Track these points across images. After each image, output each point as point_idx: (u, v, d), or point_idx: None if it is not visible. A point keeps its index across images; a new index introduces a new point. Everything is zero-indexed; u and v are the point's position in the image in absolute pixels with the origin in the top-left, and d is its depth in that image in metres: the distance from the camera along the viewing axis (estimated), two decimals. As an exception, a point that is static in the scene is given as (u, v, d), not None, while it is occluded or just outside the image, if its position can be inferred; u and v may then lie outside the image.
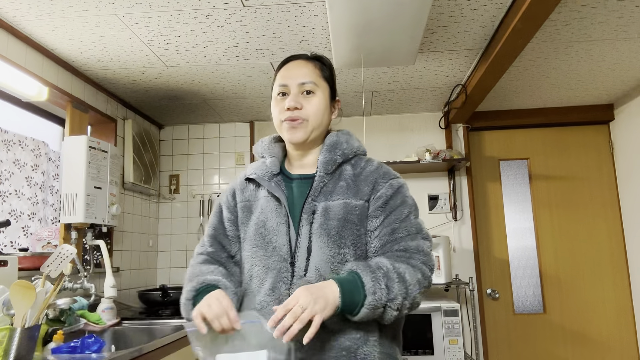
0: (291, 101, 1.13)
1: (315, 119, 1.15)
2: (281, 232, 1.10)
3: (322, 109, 1.16)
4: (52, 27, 1.93)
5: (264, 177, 1.17)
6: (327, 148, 1.17)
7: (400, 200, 1.13)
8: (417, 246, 1.08)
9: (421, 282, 1.03)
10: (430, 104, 3.07)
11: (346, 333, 1.03)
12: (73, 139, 2.22)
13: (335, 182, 1.13)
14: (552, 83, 2.73)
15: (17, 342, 1.32)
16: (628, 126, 3.01)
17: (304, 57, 1.21)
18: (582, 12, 1.90)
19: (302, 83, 1.15)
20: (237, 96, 2.82)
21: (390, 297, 0.98)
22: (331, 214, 1.08)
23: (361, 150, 1.22)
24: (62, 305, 1.69)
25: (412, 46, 2.02)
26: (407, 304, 1.01)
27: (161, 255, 3.21)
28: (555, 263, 3.10)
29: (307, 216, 1.09)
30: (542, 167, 3.21)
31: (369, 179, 1.14)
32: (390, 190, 1.13)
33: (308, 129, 1.14)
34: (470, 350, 2.90)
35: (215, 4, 1.80)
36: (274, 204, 1.14)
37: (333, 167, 1.14)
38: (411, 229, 1.10)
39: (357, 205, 1.10)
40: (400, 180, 1.17)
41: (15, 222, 2.10)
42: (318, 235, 1.07)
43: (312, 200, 1.11)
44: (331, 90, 1.21)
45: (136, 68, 2.37)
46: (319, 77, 1.17)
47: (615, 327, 3.01)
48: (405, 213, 1.11)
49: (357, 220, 1.09)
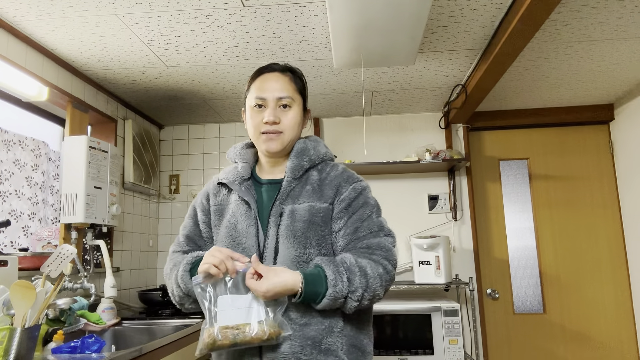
0: (270, 116, 1.20)
1: (291, 132, 1.23)
2: (250, 234, 1.17)
3: (297, 122, 1.24)
4: (52, 27, 1.93)
5: (235, 181, 1.25)
6: (295, 154, 1.24)
7: (363, 202, 1.20)
8: (378, 243, 1.15)
9: (382, 275, 1.11)
10: (430, 104, 3.07)
11: (311, 324, 1.11)
12: (73, 139, 2.23)
13: (302, 186, 1.21)
14: (552, 83, 2.73)
15: (17, 342, 1.32)
16: (628, 126, 3.01)
17: (278, 69, 1.26)
18: (582, 12, 1.90)
19: (280, 97, 1.21)
20: (237, 96, 2.82)
21: (351, 289, 1.06)
22: (297, 216, 1.15)
23: (328, 156, 1.29)
24: (62, 305, 1.69)
25: (412, 46, 2.02)
26: (368, 295, 1.08)
27: (161, 255, 3.21)
28: (555, 263, 3.10)
29: (275, 219, 1.16)
30: (542, 167, 3.21)
31: (333, 183, 1.22)
32: (353, 193, 1.20)
33: (284, 140, 1.22)
34: (470, 350, 2.90)
35: (215, 4, 1.80)
36: (244, 207, 1.21)
37: (300, 172, 1.22)
38: (373, 227, 1.17)
39: (321, 208, 1.17)
40: (363, 183, 1.24)
41: (15, 222, 2.10)
42: (285, 236, 1.14)
43: (279, 203, 1.18)
44: (304, 102, 1.28)
45: (136, 68, 2.37)
46: (294, 91, 1.25)
47: (615, 327, 3.01)
48: (367, 213, 1.19)
49: (322, 222, 1.16)
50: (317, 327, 1.12)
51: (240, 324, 1.05)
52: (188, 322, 2.19)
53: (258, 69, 1.28)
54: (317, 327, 1.12)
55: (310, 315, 1.12)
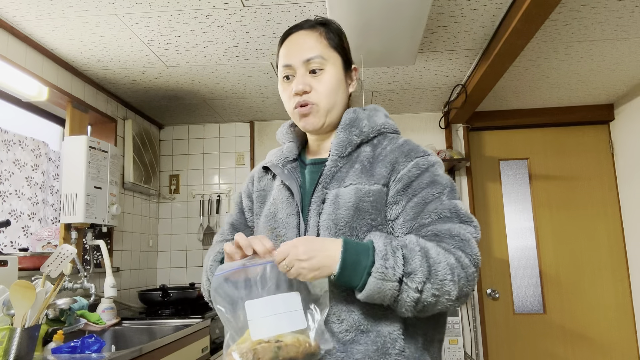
0: (298, 84, 0.98)
1: (328, 101, 0.99)
2: (291, 224, 0.97)
3: (334, 88, 0.99)
4: (52, 27, 1.93)
5: (278, 164, 1.05)
6: (343, 127, 1.00)
7: (429, 181, 0.92)
8: (449, 230, 0.86)
9: (454, 267, 0.81)
10: (430, 104, 3.07)
11: (359, 342, 0.87)
12: (73, 139, 2.22)
13: (350, 165, 0.97)
14: (552, 83, 2.73)
15: (17, 342, 1.32)
16: (628, 126, 3.01)
17: (307, 26, 1.03)
18: (582, 12, 1.90)
19: (308, 60, 0.98)
20: (237, 96, 2.82)
21: (407, 269, 0.79)
22: (341, 202, 0.93)
23: (387, 127, 1.03)
24: (62, 305, 1.69)
25: (412, 46, 2.02)
26: (432, 288, 0.79)
27: (161, 255, 3.21)
28: (555, 263, 3.10)
29: (316, 206, 0.95)
30: (542, 167, 3.21)
31: (388, 158, 0.96)
32: (415, 170, 0.93)
33: (321, 113, 0.99)
34: (470, 350, 2.90)
35: (215, 4, 1.80)
36: (285, 193, 1.00)
37: (348, 148, 0.98)
38: (443, 211, 0.89)
39: (370, 191, 0.93)
40: (431, 158, 0.96)
41: (15, 222, 2.10)
42: (325, 227, 0.92)
43: (323, 187, 0.96)
44: (343, 59, 1.03)
45: (136, 68, 2.37)
46: (327, 48, 1.00)
47: (615, 327, 3.01)
48: (434, 194, 0.90)
49: (372, 209, 0.92)
50: (366, 346, 0.86)
51: (279, 334, 0.79)
52: (188, 322, 2.19)
53: (285, 31, 1.05)
54: (366, 346, 0.86)
55: (358, 329, 0.87)
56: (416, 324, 0.90)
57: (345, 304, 0.89)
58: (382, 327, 0.87)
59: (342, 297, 0.89)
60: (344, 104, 1.04)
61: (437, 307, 0.82)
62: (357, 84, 1.07)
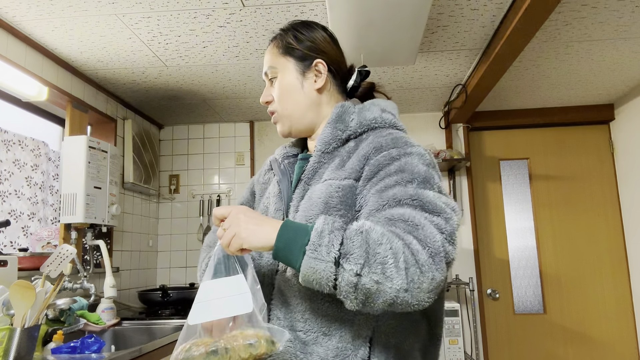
0: (262, 97, 1.04)
1: (283, 107, 1.00)
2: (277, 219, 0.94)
3: (284, 93, 0.99)
4: (51, 27, 1.93)
5: (278, 158, 1.07)
6: (329, 122, 0.98)
7: (397, 169, 0.84)
8: (402, 214, 0.77)
9: (398, 251, 0.72)
10: (430, 104, 3.07)
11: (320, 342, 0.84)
12: (73, 139, 2.22)
13: (332, 161, 0.95)
14: (552, 83, 2.73)
15: (17, 342, 1.32)
16: (628, 126, 3.00)
17: (271, 39, 1.06)
18: (582, 12, 1.90)
19: (265, 73, 1.03)
20: (237, 96, 2.82)
21: (344, 250, 0.72)
22: (314, 197, 0.90)
23: (379, 121, 0.97)
24: (62, 305, 1.69)
25: (412, 46, 2.02)
26: (372, 273, 0.71)
27: (161, 255, 3.21)
28: (556, 263, 3.10)
29: (296, 202, 0.93)
30: (542, 167, 3.21)
31: (363, 150, 0.91)
32: (384, 160, 0.86)
33: (283, 120, 1.01)
34: (470, 350, 2.90)
35: (215, 4, 1.80)
36: (277, 188, 1.01)
37: (333, 144, 0.96)
38: (403, 197, 0.79)
39: (340, 186, 0.88)
40: (411, 149, 0.88)
41: (15, 222, 2.09)
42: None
43: (305, 183, 0.95)
44: (296, 59, 1.00)
45: (136, 68, 2.37)
46: (276, 56, 1.01)
47: (615, 327, 3.01)
48: (397, 181, 0.82)
49: (340, 204, 0.86)
50: (325, 350, 0.83)
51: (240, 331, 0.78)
52: (188, 322, 2.18)
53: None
54: (325, 350, 0.83)
55: (320, 331, 0.84)
56: (389, 332, 0.84)
57: (310, 303, 0.86)
58: (346, 332, 0.83)
59: (309, 296, 0.86)
60: (307, 104, 1.00)
61: (385, 298, 0.72)
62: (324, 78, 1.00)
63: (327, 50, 1.02)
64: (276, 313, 0.90)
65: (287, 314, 0.88)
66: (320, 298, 0.85)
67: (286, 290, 0.90)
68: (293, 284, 0.89)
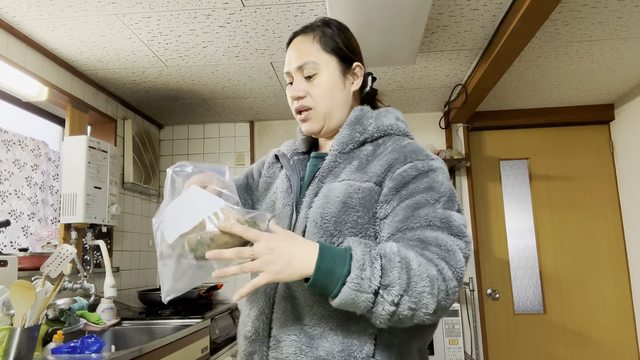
0: (293, 90, 1.00)
1: (323, 105, 0.99)
2: (285, 214, 0.98)
3: (328, 91, 0.99)
4: (51, 27, 1.93)
5: (287, 154, 1.07)
6: (348, 124, 1.00)
7: (426, 186, 0.88)
8: (436, 238, 0.82)
9: (435, 280, 0.77)
10: (430, 104, 3.07)
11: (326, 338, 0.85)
12: (73, 139, 2.22)
13: (348, 162, 0.97)
14: (552, 83, 2.73)
15: (17, 342, 1.32)
16: (628, 126, 3.01)
17: (305, 31, 1.04)
18: (582, 12, 1.90)
19: (300, 67, 1.00)
20: (237, 96, 2.82)
21: (384, 281, 0.75)
22: (331, 196, 0.92)
23: (395, 128, 1.01)
24: (62, 305, 1.69)
25: (412, 46, 2.02)
26: (409, 301, 0.75)
27: (161, 255, 3.21)
28: (556, 263, 3.10)
29: (309, 199, 0.95)
30: (542, 167, 3.21)
31: (385, 158, 0.94)
32: (412, 172, 0.90)
33: (319, 117, 1.00)
34: (471, 350, 2.90)
35: (215, 4, 1.80)
36: (286, 184, 1.02)
37: (350, 145, 0.98)
38: (433, 219, 0.84)
39: (361, 188, 0.91)
40: (434, 163, 0.92)
41: (15, 222, 2.09)
42: (312, 220, 0.92)
43: (319, 181, 0.96)
44: (341, 59, 1.02)
45: (136, 68, 2.37)
46: (320, 52, 1.00)
47: (615, 327, 3.01)
48: (428, 200, 0.86)
49: (359, 206, 0.89)
50: (331, 345, 0.84)
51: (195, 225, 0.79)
52: (188, 322, 2.19)
53: (289, 37, 1.08)
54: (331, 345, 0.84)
55: (327, 326, 0.85)
56: (394, 330, 0.87)
57: (318, 297, 0.87)
58: (353, 327, 0.85)
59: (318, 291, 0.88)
60: (343, 103, 1.02)
61: (414, 320, 0.78)
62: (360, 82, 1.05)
63: (360, 55, 1.07)
64: (282, 305, 0.91)
65: (294, 307, 0.90)
66: None
67: (293, 284, 0.91)
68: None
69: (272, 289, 0.94)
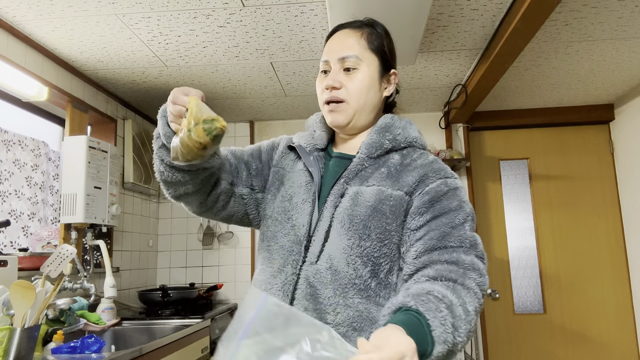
0: (329, 79, 1.00)
1: (357, 100, 1.00)
2: (304, 210, 0.98)
3: (365, 87, 1.00)
4: (52, 27, 1.93)
5: (306, 148, 1.06)
6: (377, 129, 1.02)
7: (457, 204, 0.94)
8: (472, 263, 0.88)
9: (478, 310, 0.84)
10: (430, 104, 3.07)
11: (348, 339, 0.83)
12: (73, 139, 2.22)
13: (376, 168, 0.99)
14: (552, 83, 2.73)
15: (17, 342, 1.32)
16: (628, 126, 3.01)
17: (353, 25, 1.06)
18: (582, 12, 1.90)
19: (342, 58, 1.00)
20: (237, 96, 2.82)
21: (456, 340, 0.78)
22: (360, 199, 0.94)
23: (419, 142, 1.04)
24: (62, 305, 1.69)
25: (412, 46, 2.02)
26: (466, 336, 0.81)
27: (161, 255, 3.21)
28: (556, 263, 3.10)
29: (334, 198, 0.96)
30: (542, 167, 3.21)
31: (417, 170, 0.97)
32: (444, 188, 0.95)
33: (349, 112, 1.00)
34: (470, 350, 2.90)
35: (215, 4, 1.80)
36: (305, 179, 1.02)
37: (378, 151, 1.00)
38: (465, 240, 0.90)
39: (392, 196, 0.94)
40: (458, 181, 0.99)
41: (15, 222, 2.09)
42: (339, 220, 0.93)
43: (345, 182, 0.98)
44: (382, 62, 1.03)
45: (136, 68, 2.37)
46: (365, 49, 1.01)
47: (615, 327, 3.01)
48: (459, 220, 0.92)
49: (389, 212, 0.93)
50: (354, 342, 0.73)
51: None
52: (188, 322, 2.19)
53: (333, 28, 1.09)
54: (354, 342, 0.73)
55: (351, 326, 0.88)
56: None
57: (343, 298, 0.89)
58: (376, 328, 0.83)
59: (342, 291, 0.90)
60: (374, 106, 1.03)
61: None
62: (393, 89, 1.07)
63: (396, 64, 1.09)
64: (303, 303, 0.91)
65: (317, 305, 0.90)
66: (352, 294, 0.89)
67: (316, 282, 0.91)
68: (326, 278, 0.91)
69: (291, 284, 0.93)
